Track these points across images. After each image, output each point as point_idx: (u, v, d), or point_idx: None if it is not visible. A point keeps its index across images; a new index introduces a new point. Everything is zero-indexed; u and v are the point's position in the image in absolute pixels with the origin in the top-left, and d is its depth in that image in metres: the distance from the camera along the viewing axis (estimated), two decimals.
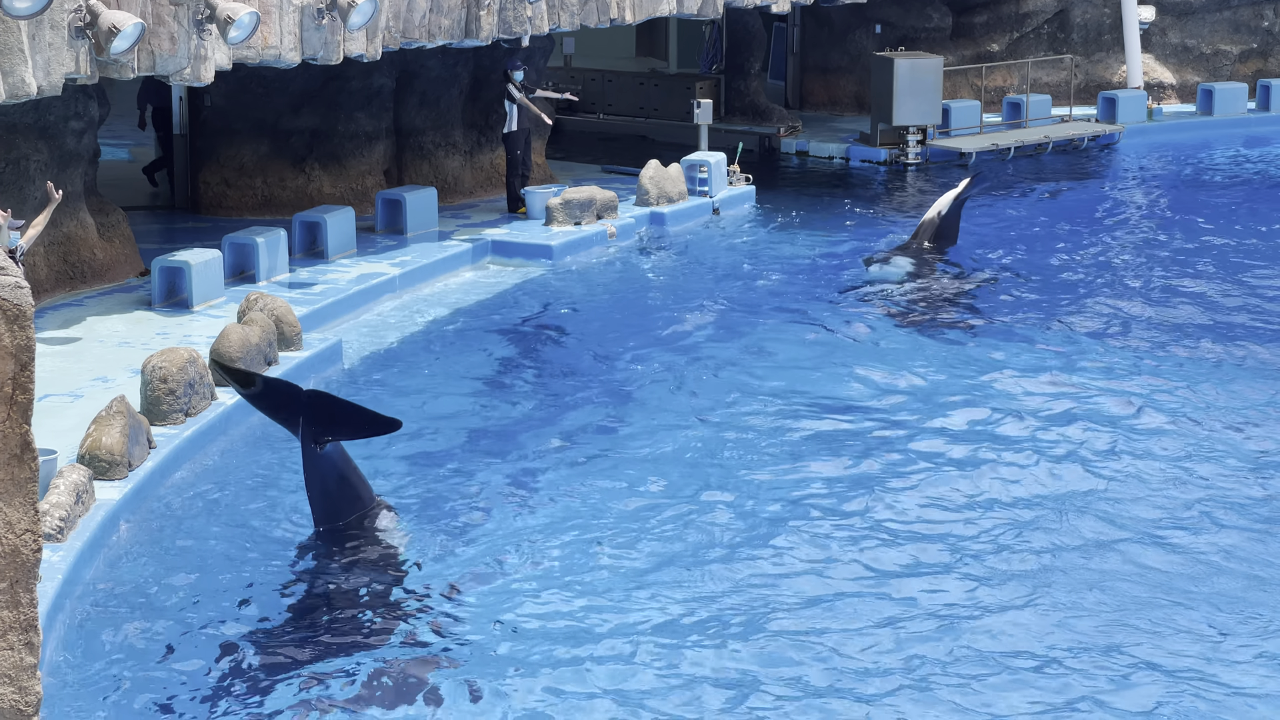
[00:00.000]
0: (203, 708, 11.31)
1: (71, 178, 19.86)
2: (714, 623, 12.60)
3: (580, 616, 12.65)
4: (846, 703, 11.43)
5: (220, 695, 11.48)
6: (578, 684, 11.63)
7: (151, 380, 15.61)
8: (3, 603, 7.22)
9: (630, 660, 11.98)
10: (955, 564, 13.64)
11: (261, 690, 11.55)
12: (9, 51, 15.72)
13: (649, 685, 11.64)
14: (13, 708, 7.26)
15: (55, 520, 12.88)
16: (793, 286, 22.41)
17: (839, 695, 11.53)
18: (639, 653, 12.08)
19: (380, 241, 22.88)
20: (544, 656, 12.02)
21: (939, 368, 18.74)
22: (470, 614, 12.68)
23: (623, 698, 11.47)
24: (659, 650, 12.12)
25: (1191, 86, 35.05)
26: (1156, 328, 20.38)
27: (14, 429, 7.22)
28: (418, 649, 12.16)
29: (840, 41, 33.52)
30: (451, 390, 18.00)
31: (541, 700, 11.41)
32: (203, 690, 11.54)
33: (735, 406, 17.45)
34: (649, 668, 11.87)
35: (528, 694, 11.48)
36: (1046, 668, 11.91)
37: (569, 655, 12.02)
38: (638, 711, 11.30)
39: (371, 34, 20.67)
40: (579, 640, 12.24)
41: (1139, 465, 15.73)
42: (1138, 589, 13.13)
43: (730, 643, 12.27)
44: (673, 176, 25.81)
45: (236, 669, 11.86)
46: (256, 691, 11.53)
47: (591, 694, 11.50)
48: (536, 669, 11.84)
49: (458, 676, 11.72)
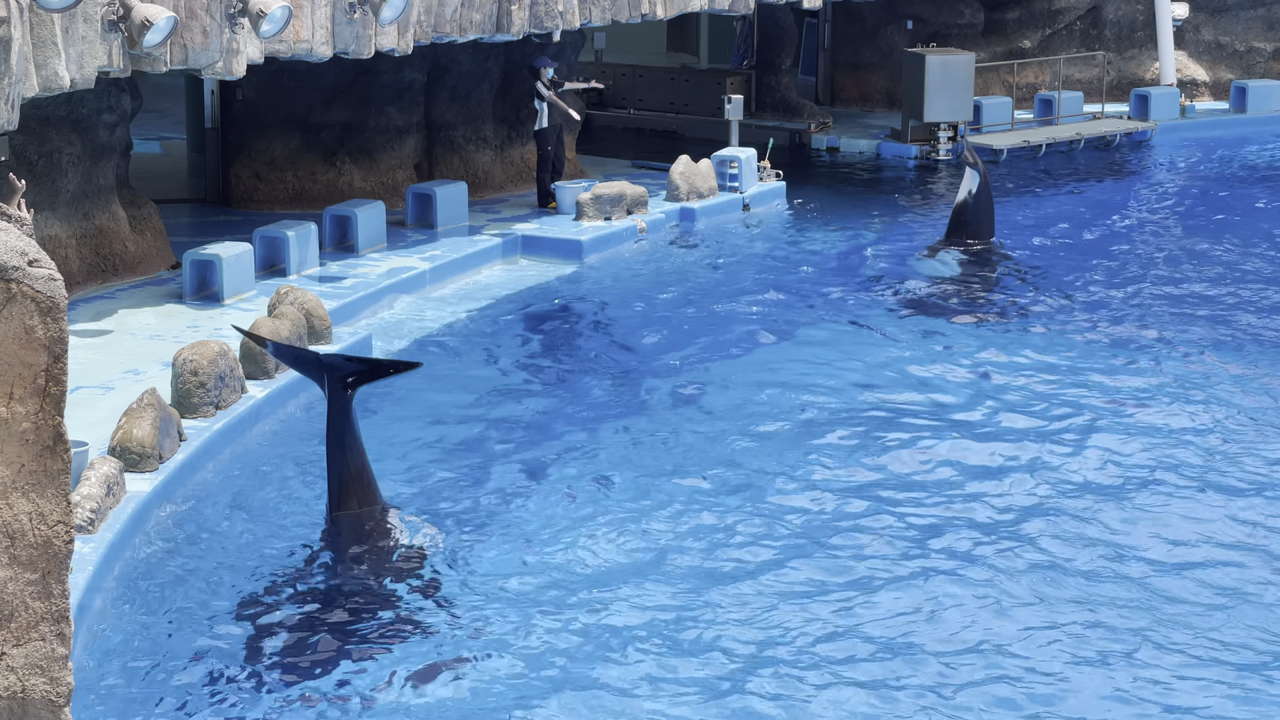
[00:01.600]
0: (231, 699, 11.33)
1: (104, 170, 19.93)
2: (756, 626, 12.58)
3: (600, 610, 12.65)
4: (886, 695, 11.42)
5: (247, 687, 11.50)
6: (594, 684, 11.61)
7: (182, 373, 15.65)
8: (35, 594, 7.25)
9: (642, 660, 11.96)
10: (1013, 566, 13.62)
11: (287, 682, 11.57)
12: (43, 45, 15.77)
13: (664, 685, 11.63)
14: (44, 698, 7.28)
15: (87, 512, 12.93)
16: (822, 282, 22.36)
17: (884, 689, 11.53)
18: (655, 650, 12.07)
19: (410, 236, 22.90)
20: (561, 657, 12.01)
21: (972, 363, 18.69)
22: (493, 611, 12.69)
23: (631, 697, 11.45)
24: (677, 649, 12.11)
25: (1224, 83, 34.89)
26: (1190, 324, 20.29)
27: (47, 421, 7.24)
28: (437, 644, 12.16)
29: (872, 37, 33.45)
30: (480, 384, 18.01)
31: (559, 696, 11.38)
32: (231, 682, 11.55)
33: (766, 402, 17.41)
34: (662, 666, 11.87)
35: (547, 690, 11.48)
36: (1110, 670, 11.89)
37: (589, 654, 12.00)
38: (646, 709, 11.30)
39: (403, 28, 20.69)
40: (597, 638, 12.23)
41: (1190, 466, 15.67)
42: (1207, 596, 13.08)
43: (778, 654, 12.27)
44: (703, 172, 25.78)
45: (264, 661, 11.88)
46: (283, 683, 11.55)
47: (605, 694, 11.46)
48: (554, 668, 11.84)
49: (467, 675, 11.74)
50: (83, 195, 19.61)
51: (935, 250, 23.50)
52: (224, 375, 15.86)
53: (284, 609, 12.73)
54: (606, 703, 11.32)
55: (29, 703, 7.26)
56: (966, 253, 23.36)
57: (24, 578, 7.23)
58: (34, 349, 7.21)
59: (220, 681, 11.57)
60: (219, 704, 11.28)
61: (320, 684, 11.55)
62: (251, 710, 11.21)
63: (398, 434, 16.26)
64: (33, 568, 7.25)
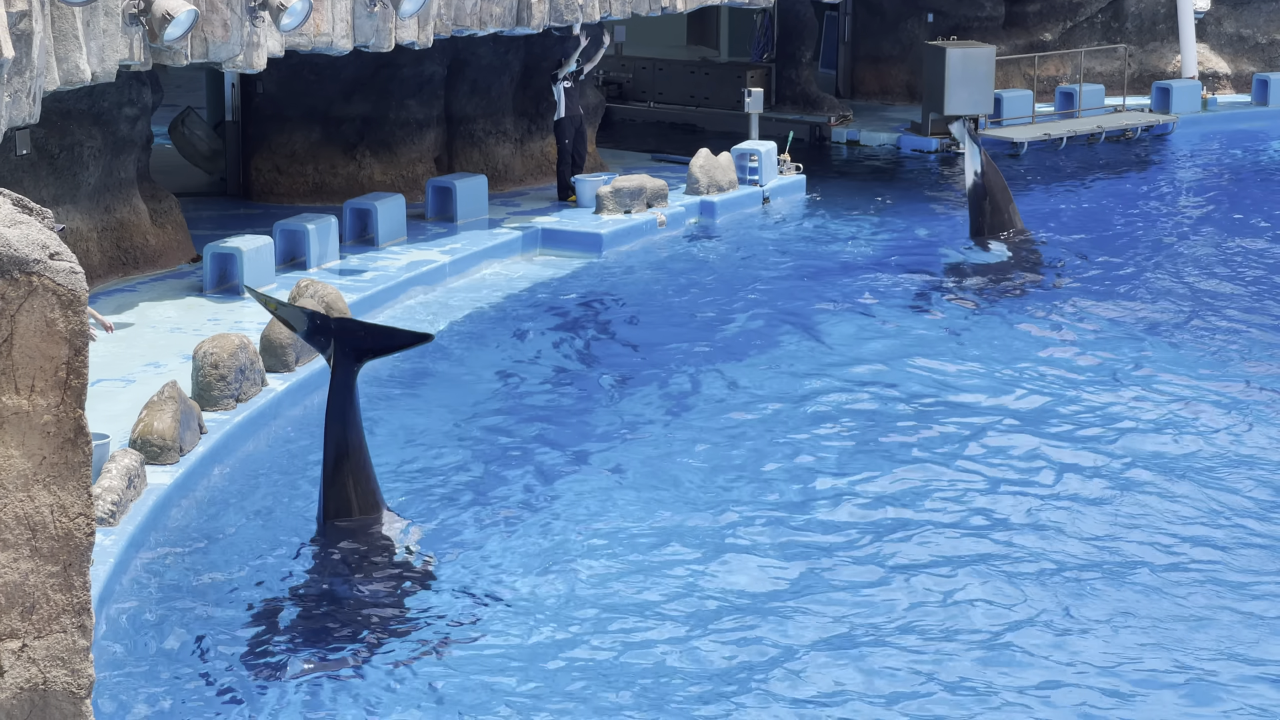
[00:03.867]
0: (248, 690, 11.35)
1: (125, 163, 19.97)
2: (776, 619, 12.58)
3: (608, 609, 12.66)
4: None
5: (264, 678, 11.51)
6: (603, 685, 11.57)
7: (203, 366, 15.68)
8: (56, 586, 7.27)
9: (652, 659, 11.96)
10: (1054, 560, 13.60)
11: (305, 672, 11.58)
12: (64, 38, 15.81)
13: (678, 687, 11.60)
14: (65, 690, 7.31)
15: (108, 504, 12.96)
16: (843, 276, 22.33)
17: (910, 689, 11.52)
18: (660, 653, 12.06)
19: (430, 229, 22.92)
20: (569, 655, 11.99)
21: (1002, 355, 18.65)
22: (508, 608, 12.70)
23: (647, 701, 11.45)
24: (681, 648, 12.08)
25: (1247, 76, 34.76)
26: (1214, 315, 20.25)
27: (68, 413, 7.27)
28: (450, 643, 12.17)
29: (892, 30, 33.38)
30: (499, 377, 18.02)
31: (565, 701, 11.36)
32: (249, 671, 11.58)
33: (785, 395, 17.40)
34: (674, 664, 11.85)
35: (553, 694, 11.47)
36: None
37: (593, 658, 11.97)
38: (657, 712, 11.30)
39: (423, 21, 20.70)
40: (603, 639, 12.20)
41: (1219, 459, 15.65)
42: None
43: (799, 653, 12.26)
44: (723, 165, 25.76)
45: (282, 652, 11.89)
46: (301, 673, 11.56)
47: (613, 696, 11.41)
48: (563, 669, 11.84)
49: (477, 674, 11.75)
50: (104, 188, 19.66)
51: (984, 240, 23.52)
52: (244, 368, 15.89)
53: (302, 602, 12.74)
54: (608, 704, 11.30)
55: (50, 694, 7.28)
56: (1004, 242, 23.43)
57: (45, 570, 7.26)
58: (55, 342, 7.23)
59: (238, 672, 11.59)
60: (236, 695, 11.30)
61: (337, 672, 11.57)
62: (270, 700, 11.23)
63: (413, 425, 16.28)
64: (54, 560, 7.27)
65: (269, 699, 11.27)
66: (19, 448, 7.20)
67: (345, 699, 11.28)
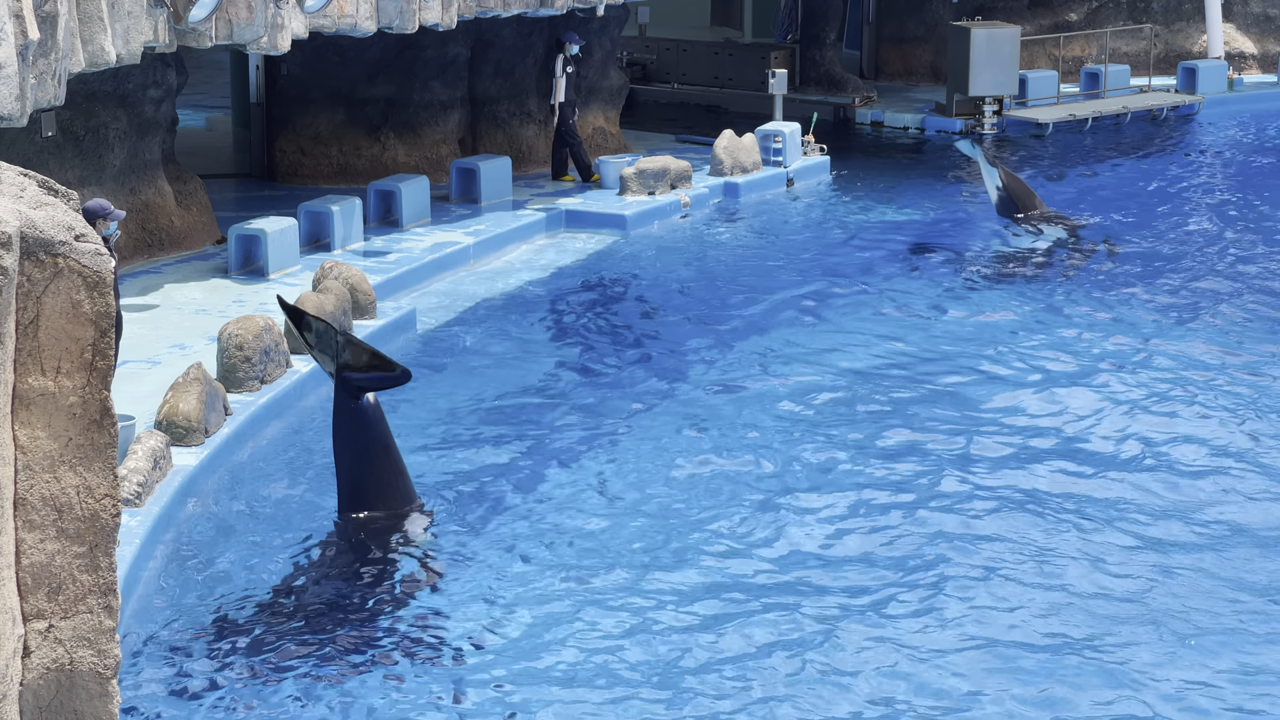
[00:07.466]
0: (269, 672, 11.38)
1: (150, 145, 20.00)
2: (785, 611, 12.57)
3: (618, 601, 12.65)
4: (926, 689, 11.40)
5: (287, 660, 11.54)
6: (613, 684, 11.52)
7: (228, 348, 15.72)
8: (82, 567, 7.30)
9: (652, 661, 11.93)
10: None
11: (325, 657, 11.61)
12: (89, 20, 15.83)
13: (691, 683, 11.57)
14: (91, 670, 7.34)
15: (133, 485, 13.00)
16: (868, 256, 22.29)
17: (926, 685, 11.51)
18: (674, 652, 12.05)
19: (455, 210, 22.93)
20: (569, 655, 11.92)
21: (1032, 339, 18.62)
22: (512, 609, 12.71)
23: (656, 698, 11.40)
24: (703, 647, 12.05)
25: (1273, 56, 34.62)
26: (1241, 297, 20.19)
27: (94, 394, 7.29)
28: (456, 642, 12.17)
29: (916, 11, 33.29)
30: (523, 359, 18.02)
31: (562, 698, 11.31)
32: (273, 657, 11.60)
33: (811, 377, 17.38)
34: (682, 663, 11.83)
35: (560, 692, 11.43)
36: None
37: (603, 659, 11.92)
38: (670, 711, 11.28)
39: (447, 3, 20.70)
40: (609, 635, 12.14)
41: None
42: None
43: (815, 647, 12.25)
44: (747, 146, 25.73)
45: (305, 634, 11.92)
46: (320, 656, 11.59)
47: (626, 695, 11.38)
48: (569, 668, 11.83)
49: (481, 674, 11.75)
50: (129, 170, 19.70)
51: (1034, 220, 23.48)
52: (269, 350, 15.92)
53: (326, 584, 12.77)
54: (627, 706, 11.27)
55: (77, 675, 7.32)
56: (1040, 223, 23.43)
57: (72, 550, 7.29)
58: (81, 323, 7.25)
59: (262, 655, 11.62)
60: (259, 676, 11.33)
61: (343, 661, 11.59)
62: (288, 684, 11.25)
63: (437, 409, 16.28)
64: (80, 541, 7.30)
65: (285, 680, 11.30)
66: (45, 429, 7.22)
67: (345, 694, 11.25)
